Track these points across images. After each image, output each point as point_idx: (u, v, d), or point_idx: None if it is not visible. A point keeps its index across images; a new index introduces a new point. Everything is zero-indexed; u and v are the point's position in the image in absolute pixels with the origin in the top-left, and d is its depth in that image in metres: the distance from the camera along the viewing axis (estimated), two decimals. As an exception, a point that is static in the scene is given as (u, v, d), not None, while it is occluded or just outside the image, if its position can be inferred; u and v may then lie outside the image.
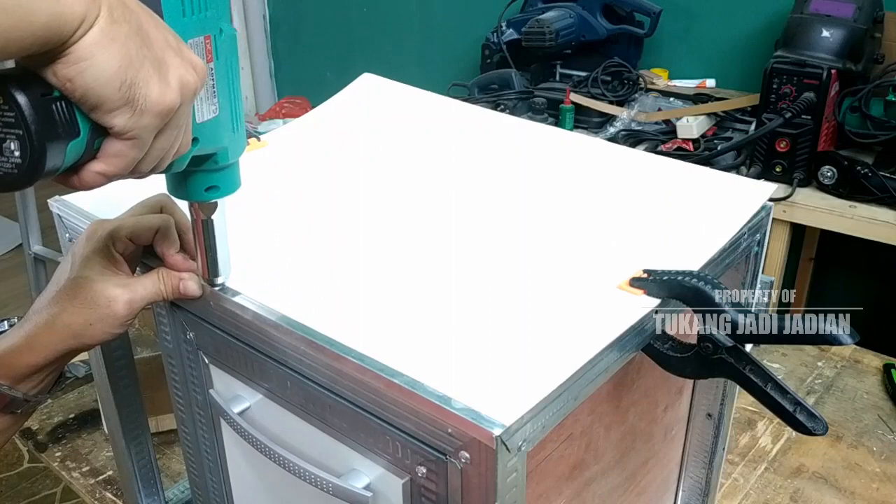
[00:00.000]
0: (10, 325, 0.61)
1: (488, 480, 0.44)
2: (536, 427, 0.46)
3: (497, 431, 0.43)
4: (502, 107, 1.93)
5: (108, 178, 0.43)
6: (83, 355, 0.65)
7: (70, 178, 0.42)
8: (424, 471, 0.49)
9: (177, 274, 0.59)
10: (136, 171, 0.44)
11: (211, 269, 0.58)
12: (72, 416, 1.22)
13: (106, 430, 1.00)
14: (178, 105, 0.42)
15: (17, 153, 0.38)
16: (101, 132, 0.41)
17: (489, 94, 2.01)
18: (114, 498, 1.09)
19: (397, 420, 0.49)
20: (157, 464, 1.01)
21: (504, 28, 2.11)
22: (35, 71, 0.39)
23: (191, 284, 0.59)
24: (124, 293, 0.57)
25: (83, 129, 0.40)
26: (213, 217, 0.55)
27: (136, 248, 0.61)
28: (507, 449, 0.43)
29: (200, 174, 0.53)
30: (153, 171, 0.45)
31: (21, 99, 0.37)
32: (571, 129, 1.86)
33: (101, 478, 1.12)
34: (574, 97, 1.90)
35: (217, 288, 0.58)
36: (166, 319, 0.66)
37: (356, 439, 0.53)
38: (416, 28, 2.75)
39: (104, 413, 0.96)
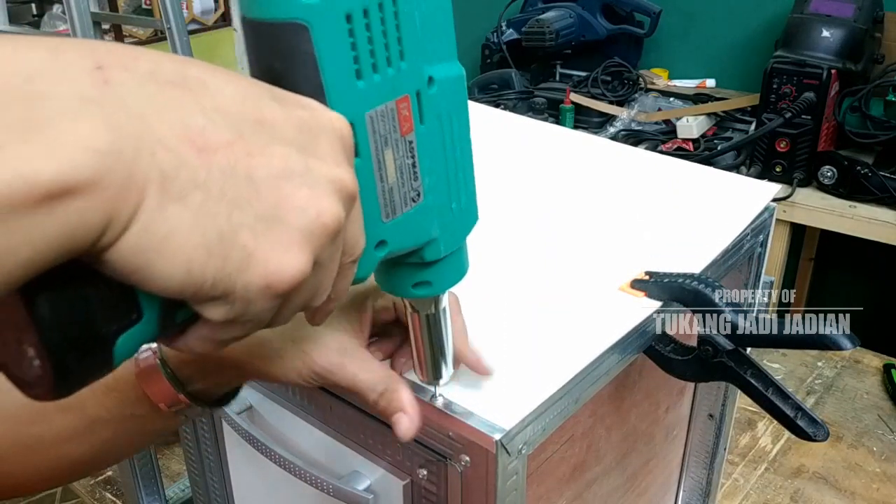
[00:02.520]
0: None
1: (488, 483, 0.44)
2: (537, 430, 0.46)
3: (497, 436, 0.43)
4: (502, 107, 1.93)
5: (227, 346, 0.30)
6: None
7: (174, 343, 0.30)
8: (425, 473, 0.49)
9: (399, 404, 0.43)
10: (272, 327, 0.31)
11: (428, 370, 0.44)
12: (72, 416, 1.22)
13: (106, 430, 1.00)
14: (306, 272, 0.27)
15: (35, 362, 0.25)
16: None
17: (489, 94, 2.01)
18: (113, 498, 1.09)
19: (398, 423, 0.49)
20: (157, 463, 1.01)
21: (504, 28, 2.11)
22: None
23: (405, 423, 0.42)
24: (335, 359, 0.43)
25: (149, 310, 0.27)
26: (432, 312, 0.42)
27: (391, 321, 0.47)
28: (508, 452, 0.44)
29: (403, 268, 0.38)
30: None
31: (30, 291, 0.24)
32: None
33: (100, 478, 1.12)
34: (574, 97, 1.90)
35: (435, 388, 0.46)
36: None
37: (357, 441, 0.53)
38: (416, 27, 2.75)
39: (104, 414, 0.95)
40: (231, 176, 0.25)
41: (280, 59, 0.29)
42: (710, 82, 2.00)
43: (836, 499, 1.03)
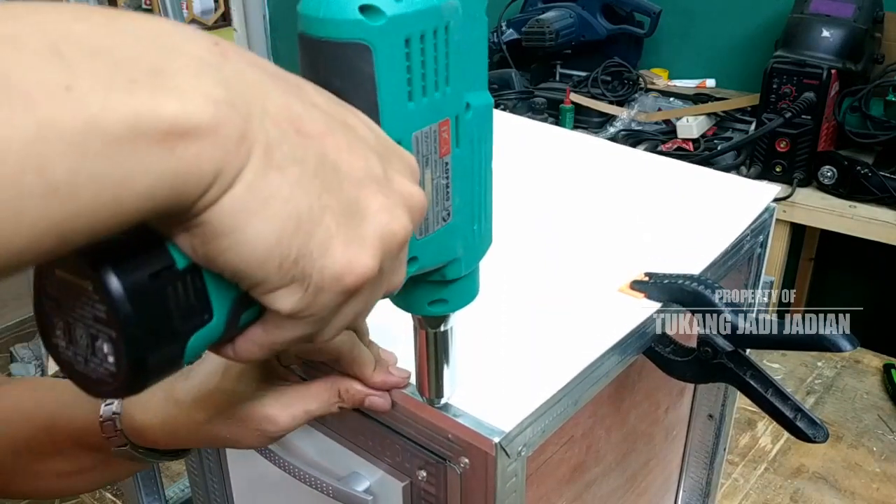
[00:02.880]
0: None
1: (488, 485, 0.44)
2: (536, 432, 0.46)
3: (496, 438, 0.43)
4: (502, 107, 1.93)
5: (272, 353, 0.31)
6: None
7: (221, 349, 0.31)
8: (425, 475, 0.49)
9: (362, 390, 0.46)
10: (314, 343, 0.31)
11: (432, 388, 0.45)
12: (72, 416, 1.22)
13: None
14: (374, 273, 0.28)
15: (110, 358, 0.26)
16: (252, 302, 0.29)
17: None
18: (113, 498, 1.09)
19: (398, 424, 0.49)
20: (157, 463, 1.00)
21: (504, 28, 2.11)
22: (152, 234, 0.26)
23: (378, 401, 0.46)
24: (284, 414, 0.45)
25: (219, 311, 0.28)
26: (441, 330, 0.43)
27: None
28: (507, 455, 0.43)
29: (423, 286, 0.40)
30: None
31: (114, 286, 0.25)
32: (571, 129, 1.86)
33: (101, 479, 1.12)
34: (574, 97, 1.90)
35: (438, 407, 0.46)
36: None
37: (357, 442, 0.53)
38: (416, 27, 2.74)
39: (104, 414, 0.95)
40: (322, 163, 0.27)
41: (340, 77, 0.31)
42: (710, 82, 2.00)
43: (836, 499, 1.03)
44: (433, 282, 0.39)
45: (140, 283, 0.25)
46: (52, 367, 1.77)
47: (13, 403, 0.54)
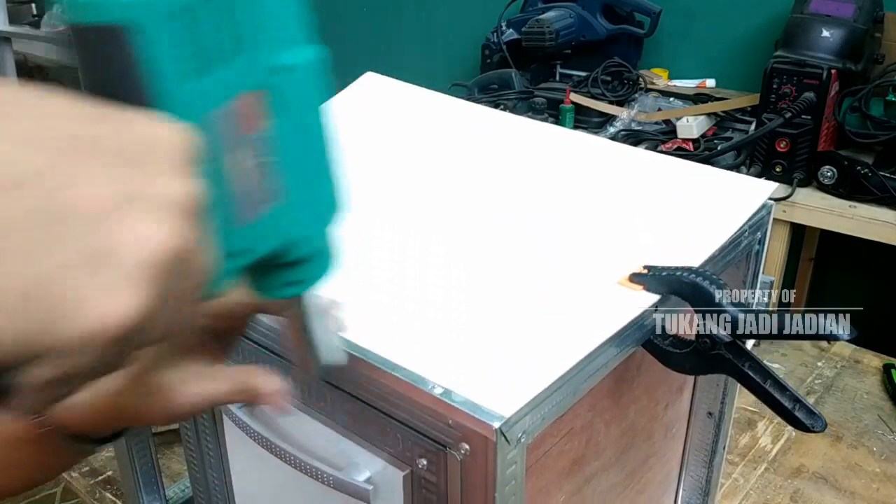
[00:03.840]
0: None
1: (488, 471, 0.45)
2: (536, 419, 0.46)
3: (497, 423, 0.43)
4: (502, 107, 1.93)
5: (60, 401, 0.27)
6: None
7: None
8: (425, 463, 0.49)
9: (256, 396, 0.43)
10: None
11: (315, 362, 0.43)
12: (72, 414, 1.21)
13: (106, 427, 1.00)
14: (145, 310, 0.24)
15: None
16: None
17: (489, 94, 2.01)
18: (113, 498, 1.09)
19: (398, 413, 0.49)
20: (158, 463, 1.01)
21: (504, 28, 2.11)
22: None
23: (273, 408, 0.44)
24: (184, 393, 0.41)
25: None
26: (302, 309, 0.41)
27: (231, 329, 0.45)
28: (507, 440, 0.44)
29: (271, 270, 0.37)
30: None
31: None
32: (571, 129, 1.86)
33: (100, 478, 1.12)
34: (574, 97, 1.90)
35: (328, 369, 0.44)
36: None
37: (357, 432, 0.53)
38: (416, 28, 2.76)
39: (105, 410, 0.95)
40: (46, 211, 0.22)
41: (109, 65, 0.27)
42: (710, 82, 2.00)
43: (836, 499, 1.03)
44: (281, 265, 0.36)
45: None
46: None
47: None
